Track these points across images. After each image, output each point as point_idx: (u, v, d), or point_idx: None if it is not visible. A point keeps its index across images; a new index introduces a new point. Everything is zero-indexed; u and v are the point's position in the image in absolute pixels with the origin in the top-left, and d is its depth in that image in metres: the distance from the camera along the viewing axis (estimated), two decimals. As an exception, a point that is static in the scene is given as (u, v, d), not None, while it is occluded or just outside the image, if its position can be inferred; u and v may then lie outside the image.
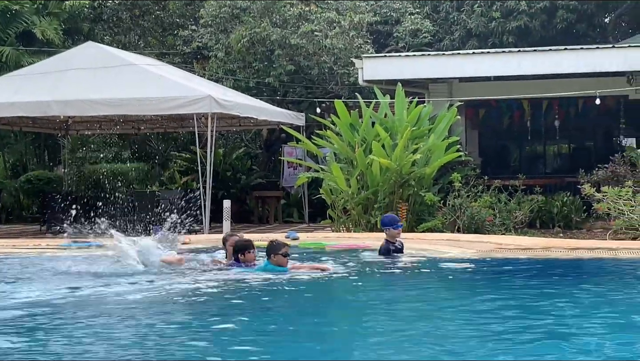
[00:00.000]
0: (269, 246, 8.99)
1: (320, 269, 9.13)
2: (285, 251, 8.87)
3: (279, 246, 8.92)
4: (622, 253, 10.11)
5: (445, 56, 18.60)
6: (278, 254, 8.82)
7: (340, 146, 15.89)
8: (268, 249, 8.95)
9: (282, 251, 8.85)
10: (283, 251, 8.85)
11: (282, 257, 8.83)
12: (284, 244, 9.05)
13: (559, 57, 17.10)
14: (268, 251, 8.94)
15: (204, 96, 15.74)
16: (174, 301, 7.50)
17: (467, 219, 14.90)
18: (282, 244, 9.04)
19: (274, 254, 8.84)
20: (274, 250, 8.86)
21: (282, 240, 9.44)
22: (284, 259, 8.86)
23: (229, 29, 22.21)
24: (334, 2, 23.49)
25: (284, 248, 8.91)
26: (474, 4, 25.06)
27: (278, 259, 8.82)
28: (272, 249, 8.90)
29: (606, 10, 27.17)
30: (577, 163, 19.03)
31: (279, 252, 8.83)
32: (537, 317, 6.61)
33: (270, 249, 8.92)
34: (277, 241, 9.23)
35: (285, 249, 8.90)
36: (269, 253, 8.89)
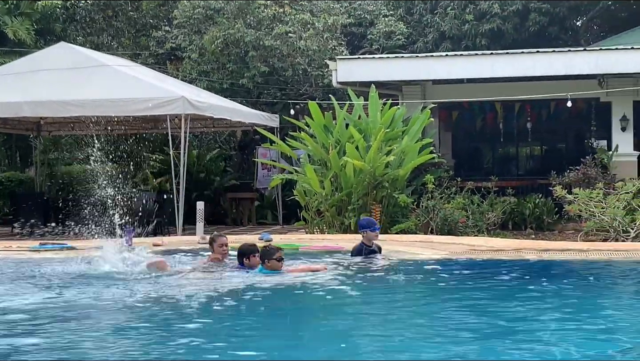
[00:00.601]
0: (263, 252, 8.88)
1: (315, 270, 9.02)
2: (279, 255, 8.78)
3: (272, 251, 8.82)
4: (592, 254, 10.21)
5: (418, 58, 18.69)
6: (272, 260, 8.72)
7: (314, 147, 15.90)
8: (262, 255, 8.83)
9: (276, 255, 8.75)
10: (277, 256, 8.75)
11: (277, 262, 8.73)
12: (278, 249, 8.94)
13: (531, 60, 17.23)
14: (262, 257, 8.81)
15: (177, 97, 15.67)
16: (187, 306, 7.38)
17: (440, 221, 14.98)
18: (275, 248, 8.94)
19: (268, 260, 8.73)
20: (268, 255, 8.76)
21: (276, 245, 9.31)
22: (279, 264, 8.76)
23: (202, 30, 22.15)
24: (307, 3, 23.51)
25: (277, 252, 8.81)
26: (447, 7, 25.19)
27: (272, 264, 8.72)
28: (266, 255, 8.79)
29: (578, 13, 27.44)
30: (549, 165, 19.16)
31: (273, 257, 8.73)
32: (493, 319, 6.71)
33: (264, 254, 8.81)
34: (271, 246, 9.13)
35: (279, 254, 8.80)
36: (263, 259, 8.77)
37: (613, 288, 8.84)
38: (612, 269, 9.83)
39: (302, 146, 16.54)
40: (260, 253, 8.90)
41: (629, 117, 17.92)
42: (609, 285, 8.94)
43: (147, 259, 9.53)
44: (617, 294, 8.38)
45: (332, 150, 15.31)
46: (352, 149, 14.87)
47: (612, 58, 16.84)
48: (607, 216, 13.81)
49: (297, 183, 16.08)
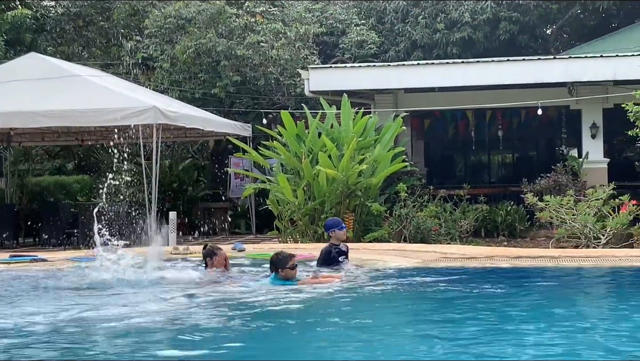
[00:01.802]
0: (276, 260, 8.48)
1: (329, 281, 8.71)
2: (292, 263, 8.43)
3: (285, 260, 8.44)
4: (563, 261, 10.27)
5: (390, 67, 18.76)
6: (286, 268, 8.37)
7: (287, 156, 15.89)
8: (275, 264, 8.46)
9: (289, 264, 8.40)
10: (291, 264, 8.40)
11: (290, 270, 8.39)
12: (291, 256, 8.54)
13: (501, 68, 17.36)
14: (275, 265, 8.45)
15: (148, 107, 15.59)
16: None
17: (413, 229, 15.03)
18: (288, 256, 8.52)
19: (281, 269, 8.38)
20: (282, 264, 8.40)
21: (287, 251, 8.84)
22: (293, 272, 8.41)
23: (174, 39, 22.07)
24: (279, 13, 23.52)
25: (291, 260, 8.45)
26: (419, 16, 25.32)
27: (286, 273, 8.38)
28: (279, 263, 8.42)
29: (548, 22, 27.69)
30: (520, 172, 19.32)
31: (287, 266, 8.38)
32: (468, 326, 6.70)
33: (277, 263, 8.43)
34: (283, 253, 8.66)
35: (293, 262, 8.44)
36: (277, 267, 8.42)
37: (588, 294, 8.92)
38: (584, 276, 9.91)
39: (275, 155, 16.53)
40: (272, 261, 8.53)
41: (598, 124, 18.09)
42: (582, 291, 9.00)
43: (163, 270, 9.29)
44: (588, 300, 8.44)
45: (305, 159, 15.30)
46: (324, 158, 14.88)
47: (582, 66, 17.01)
48: (578, 223, 13.92)
49: (270, 192, 16.05)
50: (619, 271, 9.90)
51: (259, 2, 23.68)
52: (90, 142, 21.57)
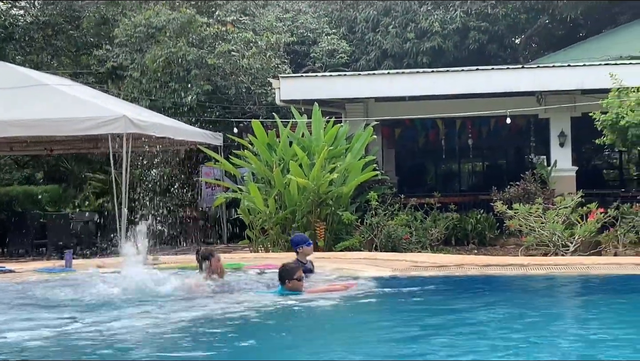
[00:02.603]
0: (282, 272, 8.39)
1: (337, 290, 8.62)
2: (299, 275, 8.34)
3: (293, 271, 8.36)
4: (532, 269, 10.35)
5: (361, 76, 18.82)
6: (293, 280, 8.29)
7: (258, 165, 15.89)
8: (282, 275, 8.37)
9: (296, 275, 8.32)
10: (298, 275, 8.32)
11: (297, 281, 8.32)
12: (298, 267, 8.46)
13: (471, 78, 17.48)
14: (282, 277, 8.36)
15: (118, 116, 15.51)
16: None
17: (384, 238, 15.08)
18: (295, 267, 8.45)
19: (288, 280, 8.30)
20: (289, 275, 8.32)
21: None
22: (300, 284, 8.34)
23: (144, 48, 21.98)
24: (250, 22, 23.53)
25: (298, 271, 8.36)
26: (389, 25, 25.45)
27: (293, 285, 8.30)
28: (286, 275, 8.34)
29: (516, 31, 27.96)
30: (490, 181, 19.45)
31: (294, 277, 8.30)
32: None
33: (284, 274, 8.35)
34: (290, 264, 8.58)
35: (300, 273, 8.37)
36: (283, 279, 8.33)
37: (555, 301, 8.99)
38: (553, 283, 9.99)
39: (246, 164, 16.52)
40: (279, 273, 8.43)
41: (566, 133, 18.27)
42: (550, 299, 9.08)
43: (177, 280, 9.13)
44: (556, 308, 8.51)
45: (276, 168, 15.31)
46: (295, 167, 14.89)
47: (550, 75, 17.18)
48: (547, 231, 14.04)
49: (241, 201, 16.02)
50: (587, 278, 9.99)
51: (230, 11, 23.67)
52: (60, 152, 21.40)
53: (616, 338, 6.64)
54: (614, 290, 9.59)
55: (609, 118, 14.50)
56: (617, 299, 8.82)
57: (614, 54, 20.29)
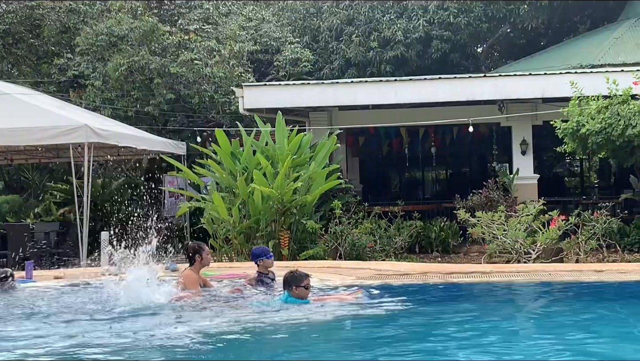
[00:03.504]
0: (290, 277, 8.26)
1: (344, 299, 8.53)
2: (307, 283, 8.22)
3: (300, 278, 8.22)
4: (494, 276, 10.42)
5: (324, 85, 18.84)
6: (300, 287, 8.17)
7: (222, 174, 15.82)
8: (289, 281, 8.24)
9: (304, 283, 8.19)
10: (305, 283, 8.19)
11: (304, 289, 8.20)
12: (306, 275, 8.32)
13: (434, 86, 17.59)
14: (289, 283, 8.22)
15: (80, 125, 15.36)
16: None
17: (348, 246, 15.07)
18: (303, 275, 8.30)
19: (295, 286, 8.17)
20: (296, 282, 8.18)
21: (303, 271, 8.53)
22: (306, 292, 8.22)
23: (106, 57, 21.81)
24: (213, 31, 23.46)
25: (305, 279, 8.24)
26: (352, 34, 25.56)
27: (300, 292, 8.17)
28: (293, 281, 8.20)
29: (478, 40, 28.25)
30: (453, 189, 19.58)
31: (301, 284, 8.17)
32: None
33: (292, 280, 8.22)
34: (298, 271, 8.42)
35: (307, 281, 8.24)
36: (290, 285, 8.20)
37: (516, 308, 9.05)
38: (514, 291, 10.06)
39: (210, 173, 16.43)
40: (286, 279, 8.31)
41: (528, 141, 18.45)
42: (511, 306, 9.13)
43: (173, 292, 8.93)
44: (516, 315, 8.56)
45: (240, 177, 15.25)
46: (259, 176, 14.84)
47: (511, 84, 17.34)
48: (509, 238, 14.13)
49: (205, 210, 15.93)
50: (548, 285, 10.08)
51: (193, 20, 23.60)
52: (21, 162, 21.13)
53: (573, 342, 6.71)
54: (574, 297, 9.67)
55: (570, 126, 14.67)
56: (577, 306, 8.90)
57: (574, 62, 20.58)
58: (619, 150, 14.77)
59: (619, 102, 14.38)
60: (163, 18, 23.93)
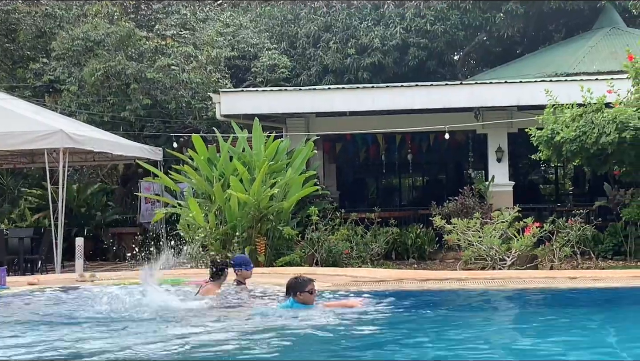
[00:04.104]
0: (294, 284, 8.24)
1: (350, 305, 8.51)
2: (311, 287, 8.20)
3: (304, 283, 8.20)
4: (470, 283, 10.46)
5: (301, 91, 18.88)
6: (304, 292, 8.14)
7: (198, 180, 15.78)
8: (293, 287, 8.21)
9: (308, 288, 8.17)
10: (309, 288, 8.17)
11: (309, 294, 8.16)
12: (310, 280, 8.30)
13: (410, 94, 17.65)
14: (293, 289, 8.20)
15: (55, 130, 15.28)
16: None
17: (324, 253, 15.09)
18: (307, 280, 8.28)
19: (300, 292, 8.15)
20: (300, 288, 8.16)
21: (306, 276, 8.52)
22: (311, 297, 8.19)
23: (82, 62, 21.69)
24: (190, 36, 23.42)
25: (310, 284, 8.21)
26: (330, 41, 25.61)
27: (305, 298, 8.14)
28: (298, 287, 8.18)
29: (455, 48, 28.39)
30: (430, 195, 19.64)
31: (306, 289, 8.15)
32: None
33: (296, 286, 8.19)
34: (302, 277, 8.42)
35: (312, 286, 8.22)
36: (295, 291, 8.18)
37: (490, 315, 9.08)
38: (488, 297, 10.11)
39: (186, 179, 16.38)
40: (291, 285, 8.30)
41: (504, 148, 18.57)
42: (485, 313, 9.18)
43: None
44: (490, 321, 8.61)
45: (216, 183, 15.22)
46: (236, 182, 14.82)
47: (487, 92, 17.46)
48: (484, 245, 14.20)
49: (181, 216, 15.88)
50: (523, 292, 10.14)
51: (170, 25, 23.54)
52: (-5, 167, 20.97)
53: (546, 349, 6.76)
54: (548, 303, 9.74)
55: (545, 134, 14.79)
56: (550, 312, 8.96)
57: (550, 71, 20.75)
58: (593, 158, 14.91)
59: (593, 110, 14.52)
60: (140, 23, 23.86)
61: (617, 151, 14.30)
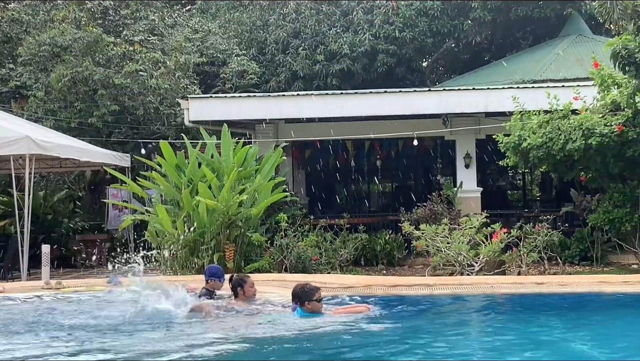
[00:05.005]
0: (301, 292, 8.14)
1: (359, 311, 8.44)
2: (319, 296, 8.11)
3: (312, 292, 8.10)
4: (438, 288, 10.49)
5: (270, 98, 18.85)
6: (312, 301, 8.05)
7: (166, 187, 15.68)
8: (300, 296, 8.12)
9: (315, 296, 8.07)
10: (317, 297, 8.08)
11: (317, 303, 8.08)
12: (317, 288, 8.20)
13: (379, 100, 17.70)
14: (300, 298, 8.11)
15: (21, 136, 15.11)
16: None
17: (294, 259, 15.07)
18: (314, 288, 8.19)
19: (308, 301, 8.05)
20: (308, 297, 8.07)
21: (313, 284, 8.44)
22: (319, 305, 8.10)
23: (49, 67, 21.51)
24: (159, 42, 23.31)
25: (317, 292, 8.11)
26: (299, 47, 25.64)
27: (313, 306, 8.05)
28: (305, 296, 8.08)
29: (423, 54, 28.56)
30: (399, 201, 19.69)
31: (313, 298, 8.05)
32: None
33: (303, 295, 8.10)
34: (309, 285, 8.31)
35: (319, 294, 8.13)
36: (302, 300, 8.08)
37: (457, 321, 9.11)
38: (455, 303, 10.15)
39: (154, 186, 16.27)
40: (297, 294, 8.19)
41: (472, 154, 18.69)
42: (451, 319, 9.21)
43: (190, 302, 8.78)
44: (457, 327, 8.64)
45: (185, 190, 15.13)
46: (204, 188, 14.75)
47: (455, 98, 17.55)
48: (453, 251, 14.26)
49: (149, 223, 15.76)
50: (490, 297, 10.19)
51: (138, 31, 23.42)
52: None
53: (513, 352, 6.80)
54: (515, 309, 9.80)
55: (512, 140, 14.92)
56: (517, 317, 9.01)
57: (517, 77, 20.95)
58: (559, 164, 15.06)
59: (559, 117, 14.69)
60: (107, 29, 23.71)
61: (583, 158, 14.46)
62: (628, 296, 9.99)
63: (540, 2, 26.05)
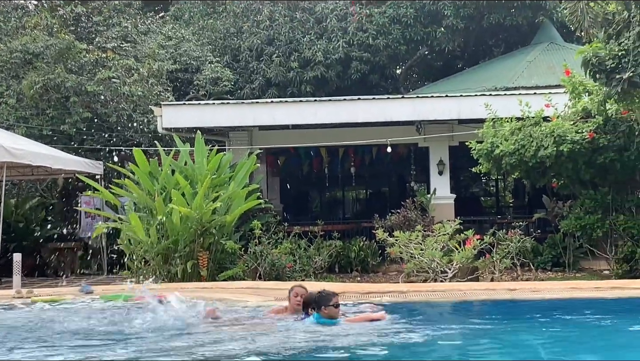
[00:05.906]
0: (318, 298, 8.16)
1: (376, 319, 8.44)
2: (336, 301, 8.11)
3: (329, 297, 8.13)
4: (411, 295, 10.53)
5: (244, 105, 18.82)
6: (329, 306, 8.06)
7: (139, 195, 15.59)
8: (317, 301, 8.13)
9: (333, 302, 8.09)
10: (334, 302, 8.09)
11: (334, 308, 8.09)
12: (334, 294, 8.23)
13: (353, 107, 17.74)
14: (318, 304, 8.11)
15: (-8, 144, 14.98)
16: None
17: (268, 266, 15.04)
18: (332, 293, 8.22)
19: (324, 307, 8.07)
20: (325, 302, 8.09)
21: (330, 290, 8.44)
22: (336, 311, 8.12)
23: (20, 74, 21.32)
24: (132, 49, 23.20)
25: (334, 298, 8.13)
26: (273, 54, 25.65)
27: (330, 312, 8.06)
28: (322, 301, 8.10)
29: (397, 62, 28.68)
30: (373, 208, 19.75)
31: (330, 303, 8.07)
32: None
33: (320, 301, 8.12)
34: (325, 290, 8.34)
35: (336, 299, 8.14)
36: (319, 305, 8.09)
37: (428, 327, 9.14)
38: (431, 309, 10.18)
39: (127, 193, 16.17)
40: (315, 299, 8.20)
41: (445, 161, 18.77)
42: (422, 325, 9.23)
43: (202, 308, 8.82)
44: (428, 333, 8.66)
45: (158, 197, 15.05)
46: (178, 195, 14.69)
47: (428, 105, 17.63)
48: (426, 258, 14.30)
49: (122, 231, 15.66)
50: (463, 304, 10.24)
51: (110, 38, 23.29)
52: None
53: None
54: (487, 314, 9.85)
55: (484, 147, 15.02)
56: (490, 323, 9.06)
57: (490, 85, 21.09)
58: (531, 171, 15.18)
59: (531, 124, 14.81)
60: (80, 36, 23.55)
61: (555, 164, 14.59)
62: (599, 301, 10.08)
63: (513, 10, 26.27)
